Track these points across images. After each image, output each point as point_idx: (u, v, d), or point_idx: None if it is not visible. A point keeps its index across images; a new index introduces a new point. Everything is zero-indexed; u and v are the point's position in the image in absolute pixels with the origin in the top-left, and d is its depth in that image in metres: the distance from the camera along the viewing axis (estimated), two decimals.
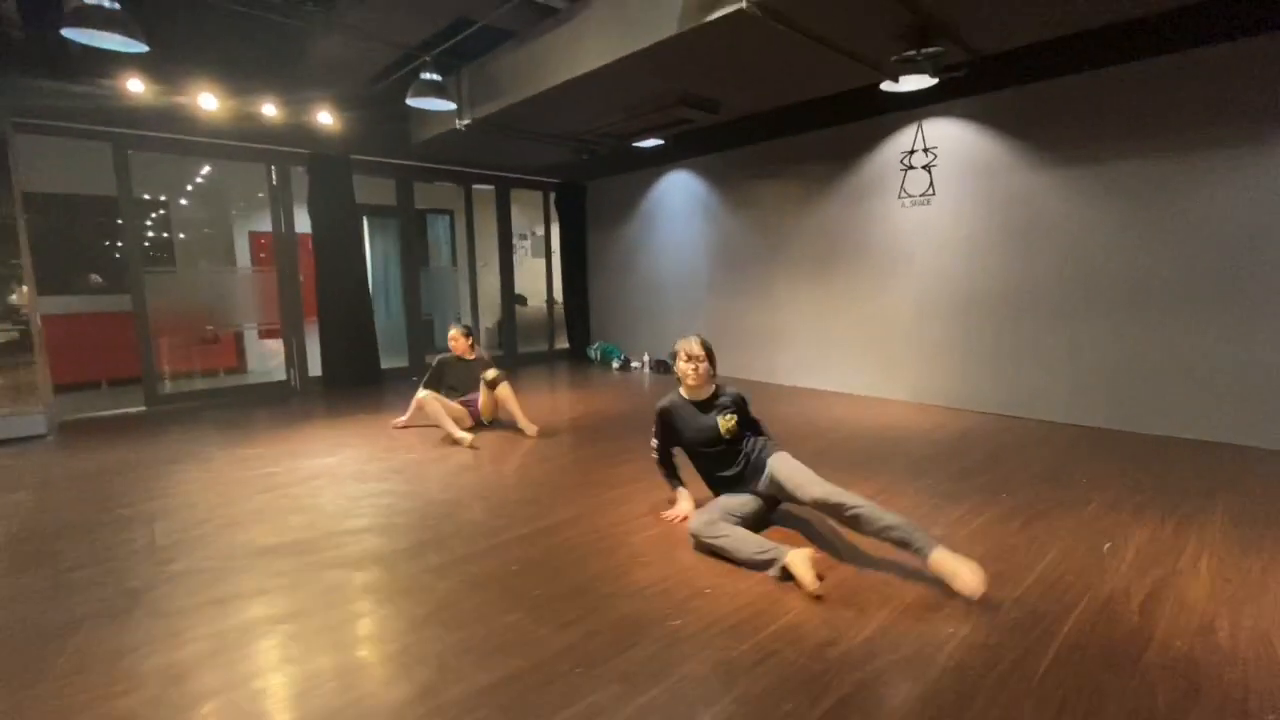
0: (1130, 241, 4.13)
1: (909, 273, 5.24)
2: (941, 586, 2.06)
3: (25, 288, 4.70)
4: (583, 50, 4.02)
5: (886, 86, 4.23)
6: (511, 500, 3.11)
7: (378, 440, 4.29)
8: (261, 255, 7.51)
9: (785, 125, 5.60)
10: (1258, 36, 3.58)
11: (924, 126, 5.02)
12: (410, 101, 4.66)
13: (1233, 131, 3.71)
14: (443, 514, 2.92)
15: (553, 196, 8.21)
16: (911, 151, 5.11)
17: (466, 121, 5.25)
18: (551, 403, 5.71)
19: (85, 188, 6.22)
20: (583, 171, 7.76)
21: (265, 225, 7.29)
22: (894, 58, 3.56)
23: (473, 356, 4.66)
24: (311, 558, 2.46)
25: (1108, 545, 2.44)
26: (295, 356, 6.25)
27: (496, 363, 4.65)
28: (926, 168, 5.04)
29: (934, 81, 3.95)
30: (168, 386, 5.99)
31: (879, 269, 5.43)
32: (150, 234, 7.19)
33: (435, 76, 4.64)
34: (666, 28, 3.45)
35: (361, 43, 4.72)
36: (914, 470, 3.46)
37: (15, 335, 4.53)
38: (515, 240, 8.62)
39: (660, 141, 5.87)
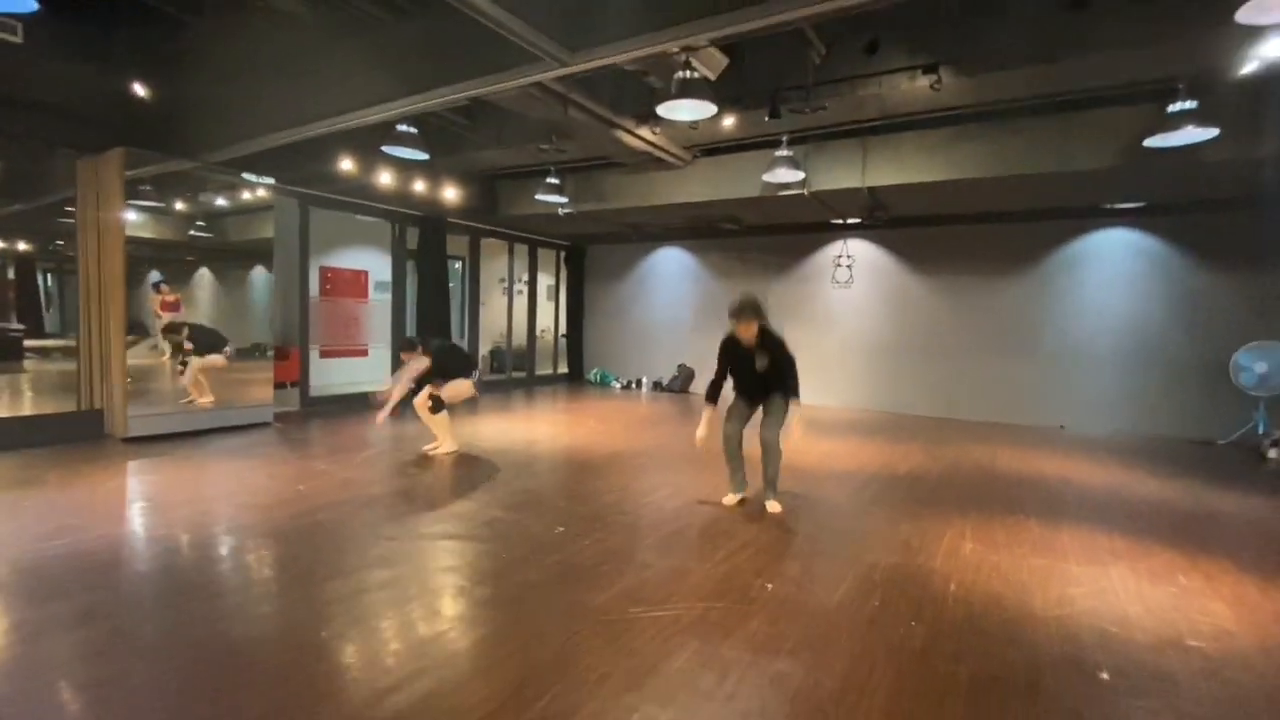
0: (958, 317, 7.75)
1: (837, 329, 8.53)
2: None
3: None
4: (685, 188, 6.73)
5: (836, 221, 7.53)
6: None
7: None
8: (328, 287, 8.85)
9: (761, 229, 8.72)
10: (1020, 223, 7.37)
11: (848, 243, 8.41)
12: (539, 197, 6.98)
13: (1006, 265, 7.46)
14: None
15: (562, 255, 10.57)
16: (839, 256, 8.47)
17: (569, 210, 7.61)
18: (585, 415, 8.06)
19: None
20: (586, 238, 10.25)
21: (331, 261, 8.81)
22: (860, 217, 6.76)
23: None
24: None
25: (1061, 426, 5.61)
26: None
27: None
28: (849, 266, 8.41)
29: (860, 220, 7.32)
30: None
31: (818, 326, 8.67)
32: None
33: (557, 180, 7.02)
34: (750, 190, 6.31)
35: (508, 150, 6.92)
36: (845, 434, 6.51)
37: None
38: (521, 285, 10.77)
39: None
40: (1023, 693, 1.90)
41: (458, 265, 10.27)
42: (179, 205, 6.59)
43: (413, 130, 5.55)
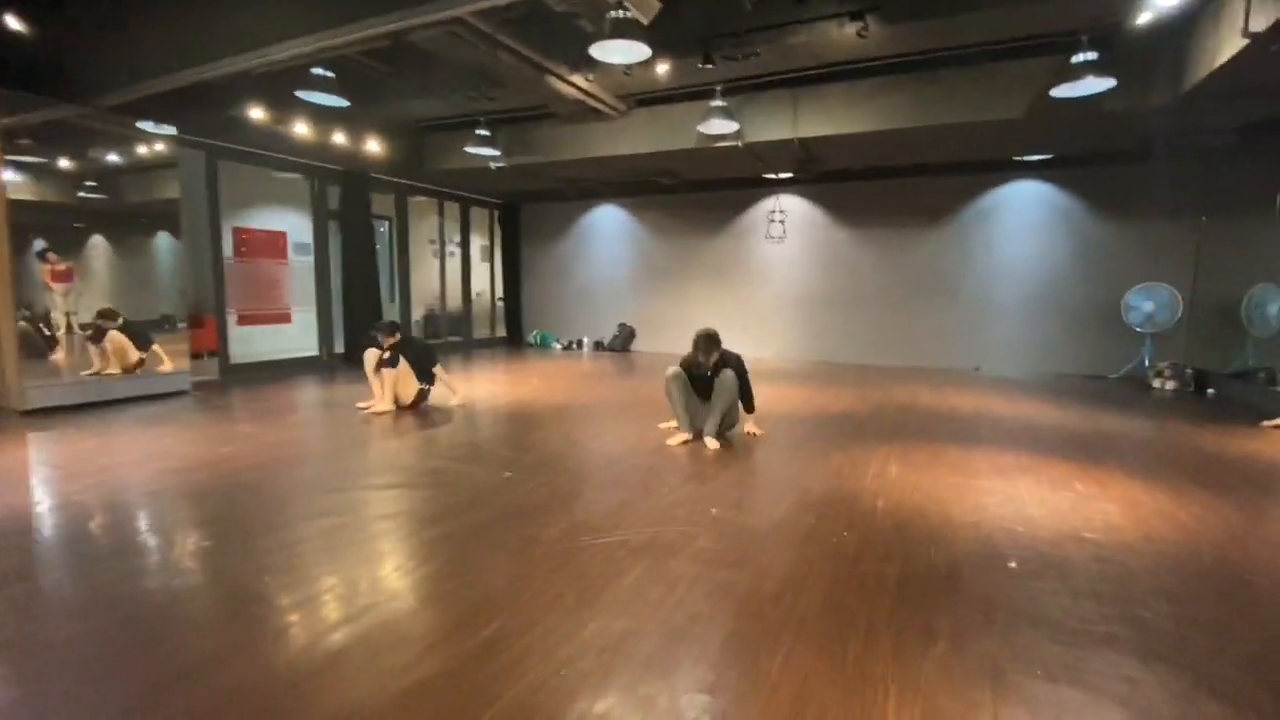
0: (883, 268, 8.09)
1: (770, 283, 8.75)
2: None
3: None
4: (621, 140, 6.65)
5: (769, 175, 7.66)
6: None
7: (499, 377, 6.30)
8: (243, 250, 8.29)
9: (697, 185, 8.75)
10: (940, 177, 7.69)
11: (780, 198, 8.57)
12: (468, 149, 6.77)
13: (927, 218, 7.81)
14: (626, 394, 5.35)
15: (496, 214, 10.28)
16: (773, 212, 8.63)
17: (502, 164, 7.38)
18: (528, 374, 8.03)
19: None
20: (519, 196, 10.01)
21: (248, 222, 8.24)
22: (791, 169, 6.90)
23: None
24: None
25: (976, 367, 5.95)
26: (324, 336, 7.55)
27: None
28: (781, 222, 8.59)
29: (792, 175, 7.50)
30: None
31: (753, 280, 8.86)
32: None
33: (487, 132, 6.80)
34: (686, 142, 6.30)
35: (442, 100, 6.62)
36: (781, 382, 6.78)
37: None
38: (454, 246, 10.43)
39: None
40: (943, 584, 2.08)
41: (383, 228, 9.86)
42: (65, 162, 5.98)
43: (329, 74, 5.23)
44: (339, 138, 6.80)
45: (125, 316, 5.70)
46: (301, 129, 6.43)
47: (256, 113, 5.98)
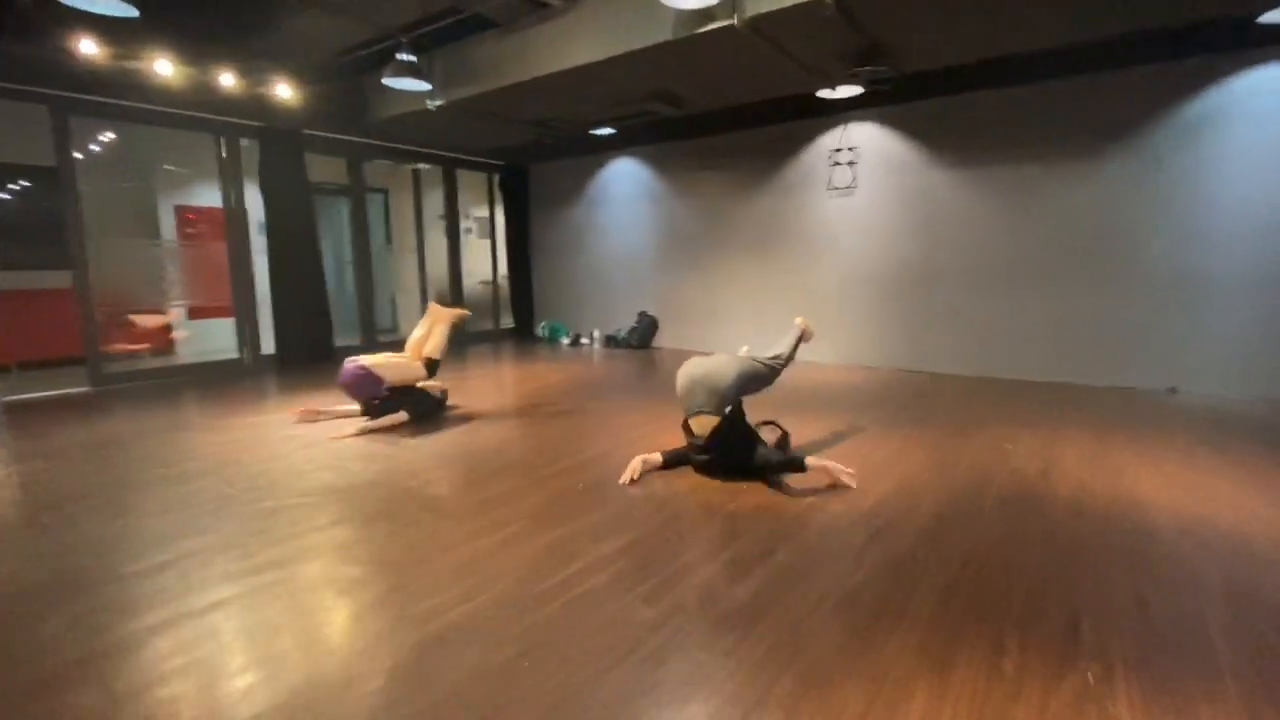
0: (1012, 228, 5.23)
1: (834, 254, 6.14)
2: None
3: None
4: (573, 46, 4.45)
5: (826, 94, 5.05)
6: (523, 444, 3.55)
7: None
8: (189, 230, 7.14)
9: (728, 121, 6.29)
10: (1101, 72, 4.71)
11: (848, 129, 5.90)
12: (386, 81, 4.84)
13: (1087, 144, 4.85)
14: (490, 450, 3.32)
15: (496, 179, 8.43)
16: (838, 150, 5.99)
17: (439, 103, 5.46)
18: (504, 380, 6.08)
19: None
20: (526, 155, 8.06)
21: (192, 199, 7.02)
22: (849, 72, 4.32)
23: None
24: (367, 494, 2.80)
25: (1008, 447, 3.34)
26: (249, 335, 6.13)
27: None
28: (850, 164, 5.93)
29: (861, 91, 4.84)
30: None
31: (808, 251, 6.29)
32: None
33: (411, 57, 4.84)
34: (659, 34, 3.98)
35: (336, 18, 4.82)
36: (850, 412, 4.28)
37: None
38: (468, 222, 8.73)
39: (612, 130, 6.37)
40: None
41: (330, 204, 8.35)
42: None
43: None
44: (226, 80, 5.22)
45: None
46: (164, 68, 4.90)
47: (87, 47, 4.51)
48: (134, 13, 3.69)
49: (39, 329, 6.00)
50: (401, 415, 3.92)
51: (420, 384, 4.17)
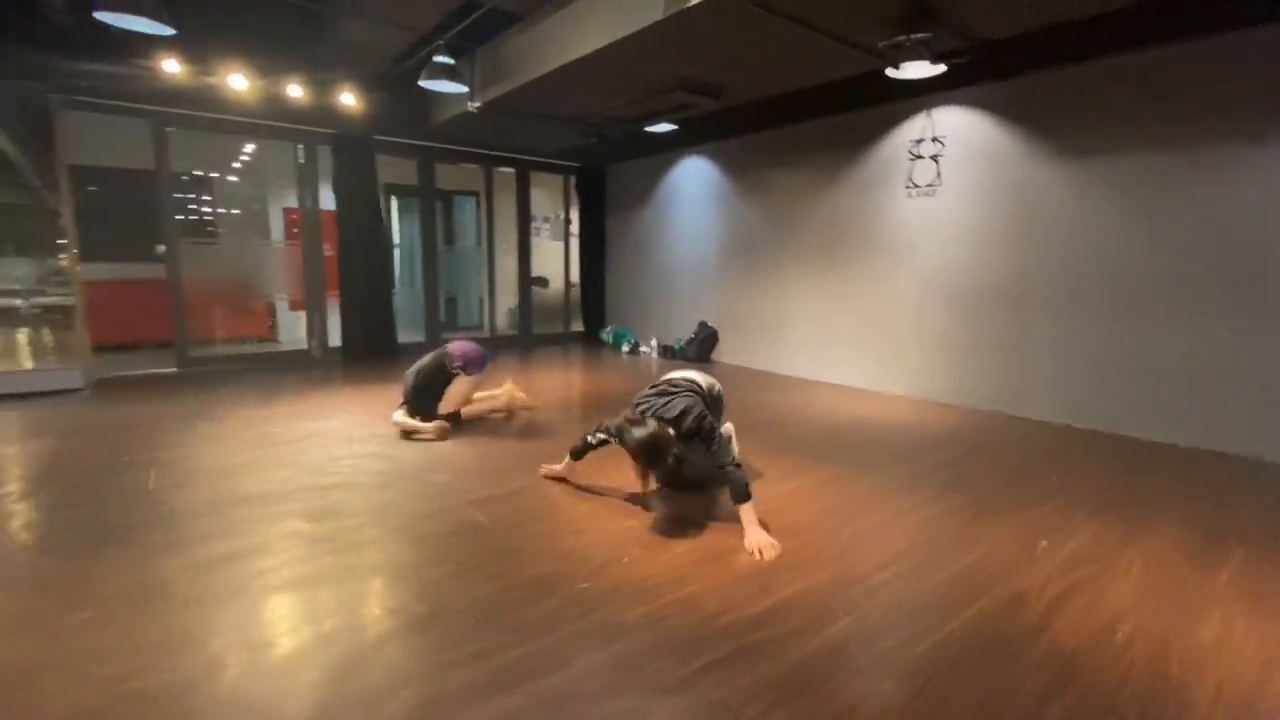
0: (1134, 236, 3.96)
1: (912, 264, 5.14)
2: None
3: (67, 255, 5.10)
4: (580, 35, 4.09)
5: (892, 73, 4.16)
6: (473, 469, 3.25)
7: (372, 407, 4.50)
8: (294, 231, 7.87)
9: (797, 112, 5.54)
10: (1264, 26, 3.36)
11: (933, 115, 4.89)
12: (423, 83, 4.81)
13: (1237, 126, 3.51)
14: (410, 476, 3.09)
15: (573, 180, 8.32)
16: (920, 140, 4.99)
17: (478, 104, 5.39)
18: (552, 384, 5.86)
19: (134, 162, 6.63)
20: (603, 155, 7.83)
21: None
22: (882, 43, 3.50)
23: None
24: (278, 508, 2.65)
25: (1043, 544, 2.42)
26: (316, 327, 6.57)
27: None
28: (934, 157, 4.91)
29: (939, 69, 3.90)
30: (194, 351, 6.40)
31: (883, 260, 5.34)
32: (192, 207, 7.64)
33: (448, 59, 4.77)
34: (654, 12, 3.49)
35: (377, 26, 4.92)
36: (880, 460, 3.45)
37: (58, 298, 4.92)
38: (539, 223, 8.77)
39: (672, 126, 5.88)
40: None
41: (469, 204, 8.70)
42: None
43: None
44: (295, 91, 5.58)
45: None
46: (238, 83, 5.33)
47: (171, 65, 5.03)
48: (169, 31, 3.95)
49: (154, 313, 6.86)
50: (445, 427, 3.82)
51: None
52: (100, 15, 3.69)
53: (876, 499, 2.86)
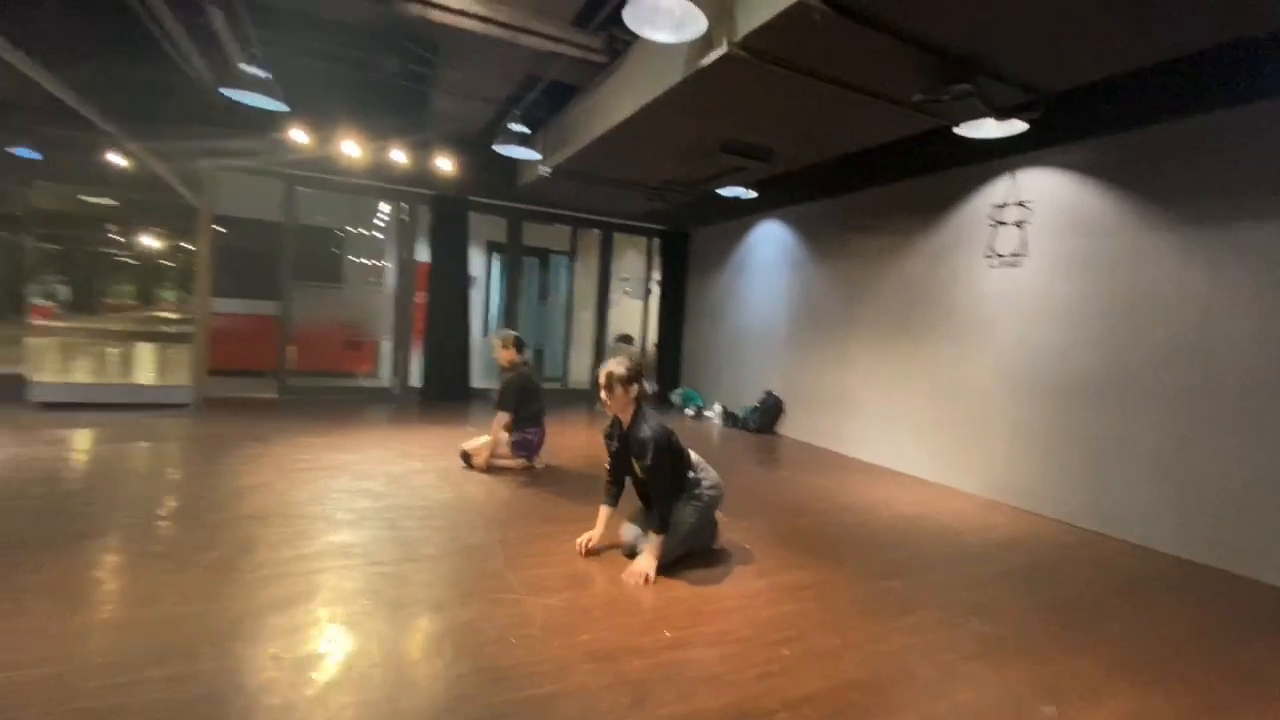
0: (1274, 320, 3.15)
1: (991, 343, 4.49)
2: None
3: (198, 290, 5.99)
4: (618, 100, 4.19)
5: (963, 132, 3.77)
6: (463, 518, 3.21)
7: (412, 443, 4.67)
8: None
9: (873, 175, 5.22)
10: None
11: (1018, 177, 4.35)
12: (497, 148, 5.17)
13: None
14: (395, 519, 3.11)
15: (656, 243, 8.43)
16: (1002, 206, 4.44)
17: (548, 169, 5.68)
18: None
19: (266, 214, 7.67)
20: (687, 219, 7.88)
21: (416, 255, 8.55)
22: (916, 97, 3.19)
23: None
24: (256, 530, 2.78)
25: (1049, 711, 1.85)
26: (400, 367, 7.10)
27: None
28: (1019, 224, 4.33)
29: (1014, 126, 3.48)
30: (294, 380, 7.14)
31: (957, 335, 4.73)
32: (319, 254, 8.73)
33: (522, 128, 5.10)
34: (674, 75, 3.48)
35: (460, 99, 5.41)
36: (892, 568, 2.92)
37: (178, 328, 5.74)
38: (619, 281, 8.95)
39: (751, 193, 5.75)
40: None
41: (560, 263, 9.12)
42: None
43: (260, 72, 4.57)
44: (398, 156, 6.25)
45: None
46: (351, 150, 6.09)
47: (299, 136, 5.87)
48: (284, 107, 4.61)
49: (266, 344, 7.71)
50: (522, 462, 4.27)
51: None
52: (225, 91, 4.39)
53: (854, 616, 2.40)
